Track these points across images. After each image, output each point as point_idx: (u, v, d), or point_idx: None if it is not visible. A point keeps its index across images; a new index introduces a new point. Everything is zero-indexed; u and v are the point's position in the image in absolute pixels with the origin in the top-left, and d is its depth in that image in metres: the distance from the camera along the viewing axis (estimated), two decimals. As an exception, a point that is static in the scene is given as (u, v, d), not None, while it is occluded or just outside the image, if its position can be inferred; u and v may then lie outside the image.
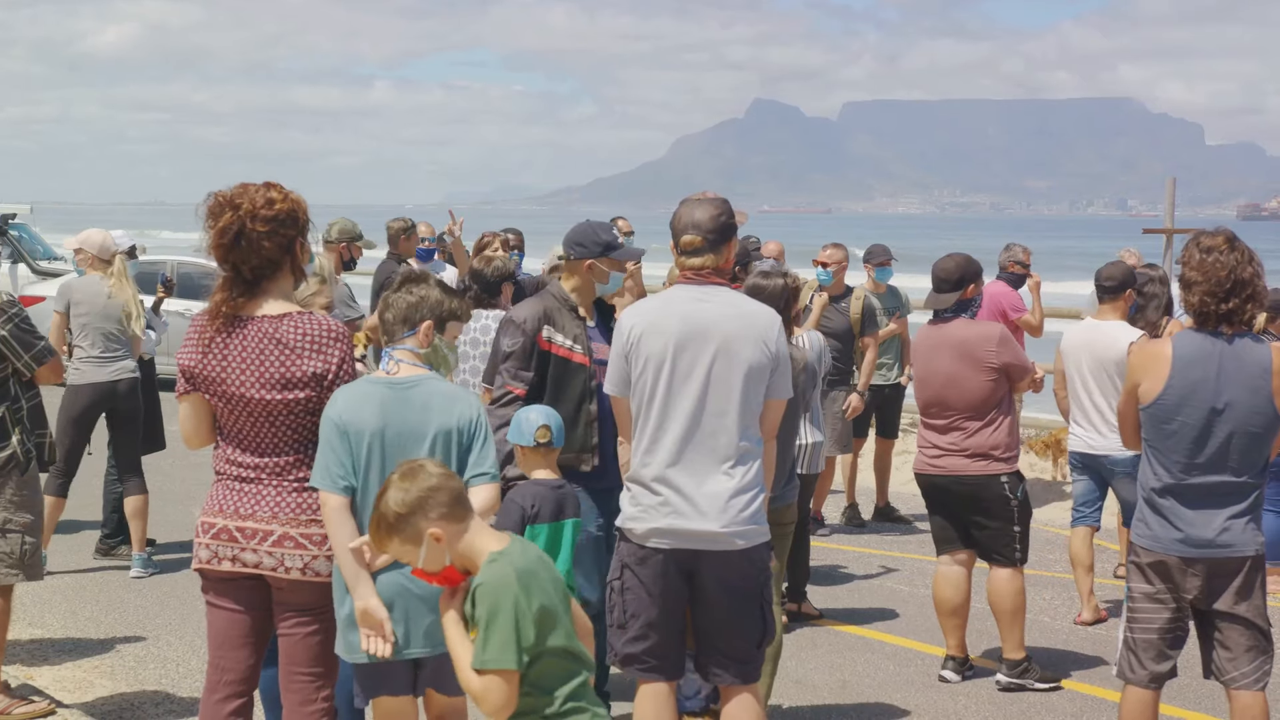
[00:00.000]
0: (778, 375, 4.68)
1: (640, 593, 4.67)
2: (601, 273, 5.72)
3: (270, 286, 4.28)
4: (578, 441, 5.60)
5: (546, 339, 5.64)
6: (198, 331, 4.30)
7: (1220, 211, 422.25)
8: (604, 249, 5.69)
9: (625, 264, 5.84)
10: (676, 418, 4.60)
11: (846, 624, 7.64)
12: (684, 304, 4.67)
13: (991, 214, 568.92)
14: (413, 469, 3.44)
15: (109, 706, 6.10)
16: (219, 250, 4.23)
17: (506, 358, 5.66)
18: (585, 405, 5.63)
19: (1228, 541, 4.79)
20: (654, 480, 4.63)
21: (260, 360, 4.21)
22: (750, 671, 4.73)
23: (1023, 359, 6.65)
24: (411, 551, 3.40)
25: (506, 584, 3.27)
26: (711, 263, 4.72)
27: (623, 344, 4.71)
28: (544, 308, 5.69)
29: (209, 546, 4.27)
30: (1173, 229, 13.60)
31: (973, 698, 6.55)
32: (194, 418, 4.35)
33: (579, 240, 5.73)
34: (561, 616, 3.37)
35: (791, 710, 6.26)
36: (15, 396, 5.83)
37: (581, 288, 5.74)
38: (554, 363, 5.65)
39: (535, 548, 3.50)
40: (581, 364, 5.65)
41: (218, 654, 4.37)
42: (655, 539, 4.62)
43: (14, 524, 5.77)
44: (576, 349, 5.66)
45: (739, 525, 4.58)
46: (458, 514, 3.39)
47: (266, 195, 4.25)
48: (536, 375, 5.64)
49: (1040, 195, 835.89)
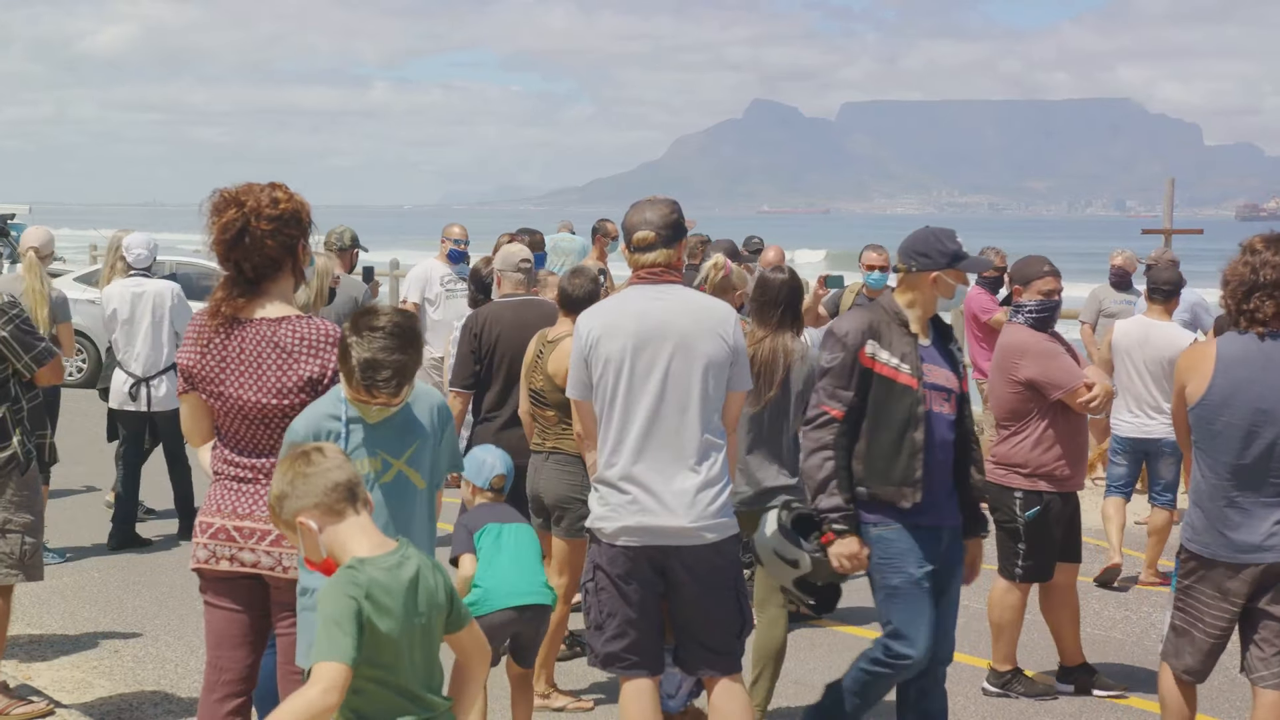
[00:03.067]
0: (737, 367, 4.74)
1: (613, 592, 4.72)
2: (947, 286, 5.13)
3: (271, 288, 4.28)
4: (898, 474, 4.96)
5: (870, 355, 5.02)
6: (196, 331, 4.30)
7: (1219, 212, 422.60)
8: (951, 259, 5.10)
9: (968, 276, 5.27)
10: (638, 416, 4.65)
11: (846, 624, 7.64)
12: (639, 303, 4.73)
13: (990, 214, 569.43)
14: (303, 453, 3.30)
15: (107, 707, 6.09)
16: (221, 247, 4.24)
17: (824, 374, 5.08)
18: (909, 433, 4.96)
19: (1274, 545, 4.77)
20: (621, 479, 4.68)
21: (258, 365, 4.21)
22: (732, 662, 4.80)
23: (1055, 378, 6.31)
24: (294, 537, 3.29)
25: (348, 593, 3.08)
26: (665, 259, 4.78)
27: (581, 347, 4.74)
28: (870, 320, 5.07)
29: (207, 546, 4.27)
30: (1171, 229, 13.61)
31: (970, 698, 6.54)
32: (193, 416, 4.36)
33: (922, 250, 5.13)
34: (406, 650, 3.16)
35: (791, 710, 6.25)
36: (16, 397, 5.83)
37: (921, 302, 5.12)
38: (876, 383, 5.02)
39: (419, 569, 3.22)
40: (908, 386, 4.98)
41: (216, 654, 4.37)
42: (625, 537, 4.67)
43: (14, 524, 5.76)
44: (904, 369, 5.00)
45: (707, 520, 4.63)
46: (336, 506, 3.22)
47: (272, 195, 4.26)
48: (856, 396, 5.02)
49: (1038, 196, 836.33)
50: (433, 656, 3.27)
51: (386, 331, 3.82)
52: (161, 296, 8.92)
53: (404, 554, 3.24)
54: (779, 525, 5.22)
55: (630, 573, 4.68)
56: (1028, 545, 6.45)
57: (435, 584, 3.26)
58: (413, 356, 3.88)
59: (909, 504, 4.96)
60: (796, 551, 5.15)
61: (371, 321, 3.85)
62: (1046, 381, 6.29)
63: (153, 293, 8.94)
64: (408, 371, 3.87)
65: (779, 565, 5.23)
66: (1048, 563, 6.50)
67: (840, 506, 4.97)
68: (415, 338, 3.90)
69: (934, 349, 5.15)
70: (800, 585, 5.24)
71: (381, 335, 3.81)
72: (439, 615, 3.26)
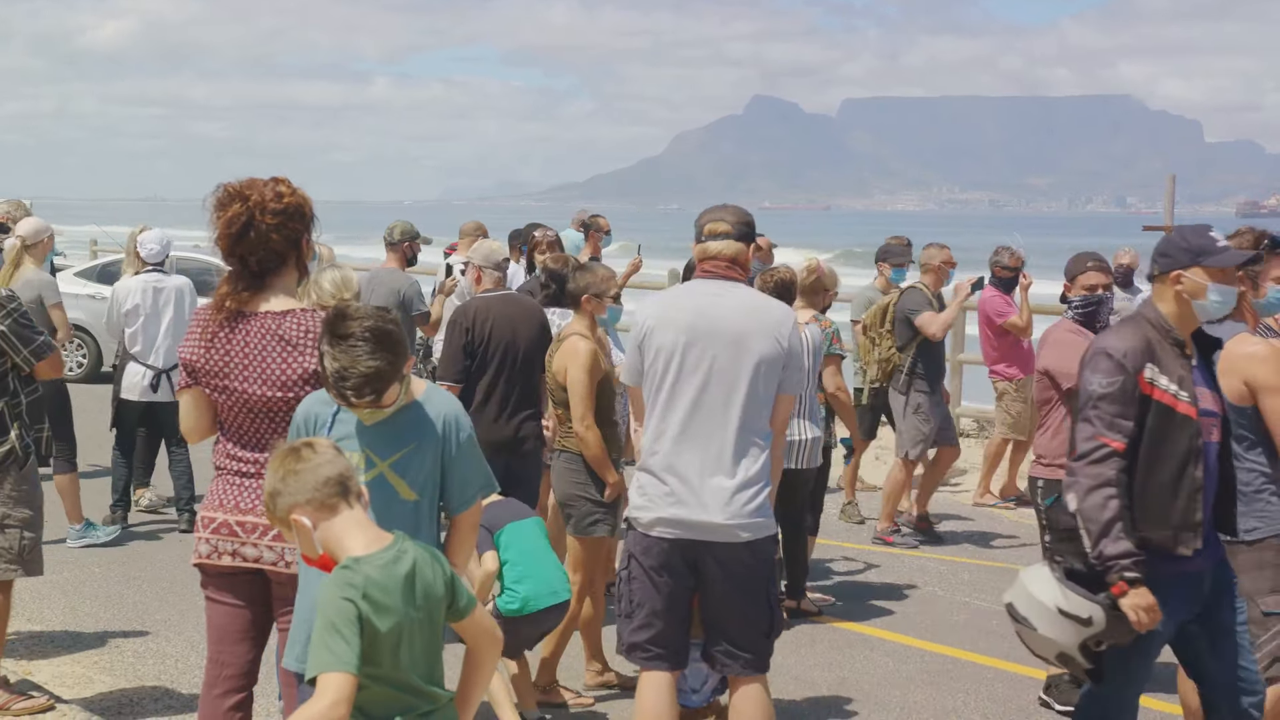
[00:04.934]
0: (789, 370, 4.76)
1: (645, 582, 4.76)
2: (1197, 288, 4.40)
3: (275, 281, 4.29)
4: (1177, 517, 4.32)
5: (1149, 380, 4.35)
6: (201, 325, 4.31)
7: (1219, 209, 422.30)
8: (1196, 255, 4.41)
9: (1232, 272, 4.47)
10: (683, 410, 4.69)
11: (845, 621, 7.64)
12: (698, 298, 4.77)
13: (990, 211, 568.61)
14: (293, 449, 3.27)
15: (108, 702, 6.09)
16: (226, 241, 4.25)
17: (1099, 400, 4.35)
18: (1189, 470, 4.31)
19: None
20: (661, 470, 4.72)
21: (262, 357, 4.21)
22: (759, 662, 4.83)
23: (1070, 369, 5.88)
24: (290, 534, 3.28)
25: (345, 595, 3.06)
26: (733, 251, 4.82)
27: (636, 333, 4.81)
28: (1146, 339, 4.39)
29: (209, 541, 4.27)
30: (1172, 226, 13.61)
31: (971, 694, 6.54)
32: (195, 412, 4.36)
33: (1164, 250, 4.52)
34: (407, 646, 3.15)
35: (790, 706, 6.26)
36: (14, 391, 5.83)
37: (1178, 314, 4.44)
38: (1155, 411, 4.34)
39: (415, 562, 3.20)
40: (1187, 415, 4.34)
41: (217, 649, 4.37)
42: (660, 528, 4.71)
43: (13, 519, 5.76)
44: (1183, 396, 4.35)
45: (743, 518, 4.66)
46: (329, 501, 3.20)
47: (275, 189, 4.28)
48: (1136, 426, 4.35)
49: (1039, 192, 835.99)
50: (434, 649, 3.27)
51: (357, 338, 3.69)
52: (182, 291, 9.27)
53: (400, 548, 3.22)
54: (1059, 577, 4.37)
55: (663, 564, 4.73)
56: (1052, 536, 6.28)
57: (434, 576, 3.25)
58: (391, 361, 3.71)
59: (1189, 550, 4.33)
60: (1089, 606, 4.28)
61: (342, 328, 3.72)
62: (1059, 371, 6.20)
63: (173, 287, 9.27)
64: (385, 377, 3.71)
65: (1063, 625, 4.33)
66: None
67: (1131, 552, 4.23)
68: (393, 342, 3.73)
69: (1200, 370, 4.53)
70: (1083, 648, 4.35)
71: (352, 342, 3.69)
72: (439, 607, 3.25)
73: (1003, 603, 4.56)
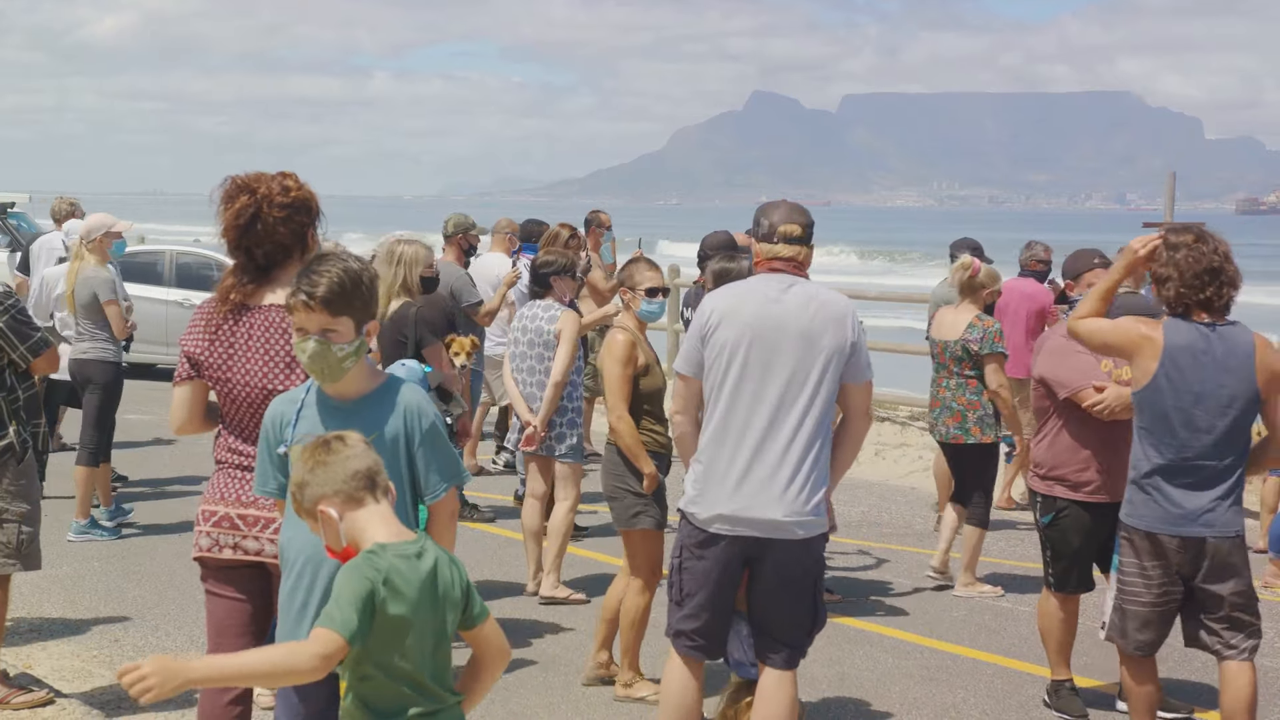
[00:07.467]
0: (854, 360, 4.78)
1: (698, 573, 4.82)
2: None
3: (280, 275, 4.30)
4: None
5: None
6: (204, 318, 4.31)
7: (1219, 205, 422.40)
8: None
9: None
10: (744, 405, 4.73)
11: (845, 617, 7.63)
12: (764, 294, 4.81)
13: (990, 207, 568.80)
14: (323, 441, 3.30)
15: (107, 696, 6.09)
16: (233, 233, 4.28)
17: None
18: None
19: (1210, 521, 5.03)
20: (721, 464, 4.75)
21: (266, 350, 4.21)
22: (795, 656, 4.91)
23: (1062, 376, 5.97)
24: (315, 526, 3.30)
25: (366, 574, 3.11)
26: (803, 256, 4.90)
27: (701, 326, 4.83)
28: None
29: (210, 534, 4.26)
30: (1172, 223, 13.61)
31: (971, 691, 6.54)
32: (189, 405, 4.35)
33: None
34: (417, 641, 3.17)
35: (790, 702, 6.25)
36: (11, 387, 5.84)
37: None
38: None
39: (437, 561, 3.23)
40: None
41: (217, 643, 4.36)
42: (717, 524, 4.75)
43: (11, 514, 5.76)
44: None
45: (800, 515, 4.71)
46: (356, 494, 3.23)
47: (283, 182, 4.32)
48: None
49: (1039, 189, 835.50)
50: (444, 651, 3.27)
51: (332, 262, 3.75)
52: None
53: (423, 545, 3.26)
54: None
55: (716, 558, 4.77)
56: (1051, 551, 6.13)
57: (452, 579, 3.26)
58: (356, 290, 3.73)
59: None
60: None
61: (321, 259, 3.81)
62: (1053, 379, 6.00)
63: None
64: (348, 295, 3.71)
65: None
66: (1077, 573, 6.10)
67: None
68: (365, 280, 3.76)
69: None
70: None
71: (329, 264, 3.74)
72: (454, 611, 3.26)
73: None
